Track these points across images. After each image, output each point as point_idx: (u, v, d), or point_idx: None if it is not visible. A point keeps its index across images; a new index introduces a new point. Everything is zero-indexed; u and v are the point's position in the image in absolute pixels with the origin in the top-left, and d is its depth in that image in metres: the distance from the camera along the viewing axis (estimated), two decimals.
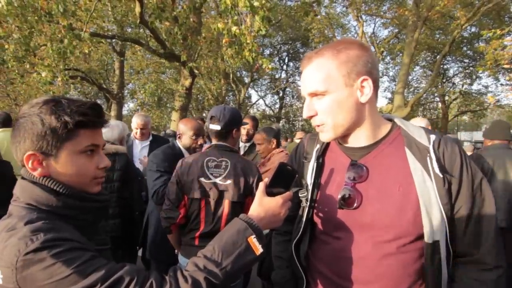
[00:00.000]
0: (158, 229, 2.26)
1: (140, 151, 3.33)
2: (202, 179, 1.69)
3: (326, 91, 0.89)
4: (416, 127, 0.95)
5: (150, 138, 3.40)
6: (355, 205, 0.91)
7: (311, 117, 0.94)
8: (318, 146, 1.06)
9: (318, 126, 0.94)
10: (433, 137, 0.90)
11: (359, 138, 0.95)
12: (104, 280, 0.66)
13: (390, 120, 1.00)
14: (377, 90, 0.93)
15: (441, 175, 0.85)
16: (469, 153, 6.47)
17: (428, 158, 0.87)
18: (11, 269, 0.64)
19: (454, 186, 0.87)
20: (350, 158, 0.97)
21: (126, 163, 2.54)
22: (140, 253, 2.93)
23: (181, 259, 1.80)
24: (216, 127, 1.76)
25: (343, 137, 0.97)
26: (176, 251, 1.92)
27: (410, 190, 0.86)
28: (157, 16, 5.47)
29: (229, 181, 1.70)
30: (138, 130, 3.29)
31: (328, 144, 1.06)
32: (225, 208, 1.70)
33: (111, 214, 2.43)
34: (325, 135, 0.95)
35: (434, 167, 0.85)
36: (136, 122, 3.31)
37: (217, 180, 1.70)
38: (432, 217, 0.85)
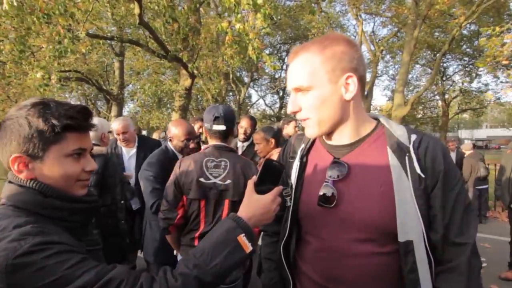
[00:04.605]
0: (159, 231, 2.24)
1: (128, 161, 3.03)
2: (202, 180, 1.69)
3: (310, 87, 0.87)
4: (400, 126, 0.94)
5: (136, 144, 3.07)
6: (334, 203, 0.90)
7: (295, 112, 0.93)
8: (303, 145, 1.05)
9: (304, 120, 0.93)
10: (413, 136, 0.89)
11: (344, 136, 0.94)
12: (94, 282, 0.66)
13: (376, 118, 0.99)
14: (363, 87, 0.91)
15: (422, 175, 0.84)
16: (468, 152, 6.44)
17: (406, 157, 0.86)
18: (1, 273, 0.64)
19: (430, 186, 0.86)
20: (333, 156, 0.96)
21: (105, 165, 2.28)
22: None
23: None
24: (221, 127, 1.75)
25: (328, 134, 0.96)
26: (175, 252, 1.91)
27: (390, 189, 0.85)
28: (167, 11, 5.41)
29: (228, 181, 1.70)
30: (120, 136, 2.94)
31: (313, 143, 1.05)
32: (225, 208, 1.70)
33: None
34: (310, 131, 0.94)
35: (415, 166, 0.84)
36: (115, 128, 2.93)
37: (217, 180, 1.70)
38: (406, 215, 0.83)
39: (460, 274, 0.84)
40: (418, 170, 0.84)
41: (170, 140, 2.34)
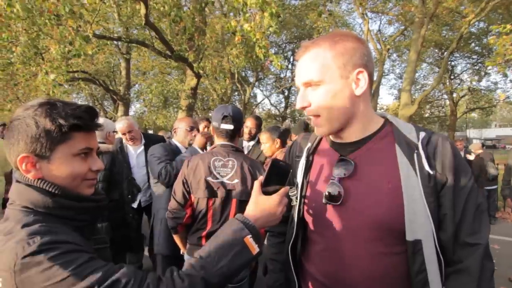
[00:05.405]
0: (166, 224, 2.30)
1: (137, 159, 3.07)
2: (210, 179, 1.70)
3: (321, 81, 0.86)
4: (408, 124, 0.92)
5: (143, 141, 3.11)
6: (340, 200, 0.89)
7: (304, 108, 0.91)
8: (309, 144, 1.05)
9: (313, 117, 0.91)
10: (422, 134, 0.88)
11: (352, 133, 0.93)
12: (101, 282, 0.66)
13: (383, 117, 0.98)
14: (371, 84, 0.91)
15: (431, 172, 0.82)
16: (478, 151, 6.36)
17: (415, 154, 0.85)
18: (10, 272, 0.64)
19: (440, 184, 0.84)
20: (340, 154, 0.94)
21: (112, 162, 2.39)
22: (146, 252, 2.96)
23: (187, 258, 1.81)
24: (230, 126, 1.77)
25: (337, 132, 0.95)
26: (181, 251, 1.92)
27: (398, 186, 0.84)
28: (173, 11, 5.44)
29: (236, 180, 1.70)
30: (127, 135, 2.98)
31: (319, 142, 1.04)
32: (232, 207, 1.71)
33: None
34: (321, 129, 0.93)
35: (424, 164, 0.83)
36: (119, 128, 2.95)
37: (225, 180, 1.71)
38: (415, 213, 0.82)
39: (470, 275, 0.82)
40: (427, 167, 0.82)
41: (175, 132, 2.46)
